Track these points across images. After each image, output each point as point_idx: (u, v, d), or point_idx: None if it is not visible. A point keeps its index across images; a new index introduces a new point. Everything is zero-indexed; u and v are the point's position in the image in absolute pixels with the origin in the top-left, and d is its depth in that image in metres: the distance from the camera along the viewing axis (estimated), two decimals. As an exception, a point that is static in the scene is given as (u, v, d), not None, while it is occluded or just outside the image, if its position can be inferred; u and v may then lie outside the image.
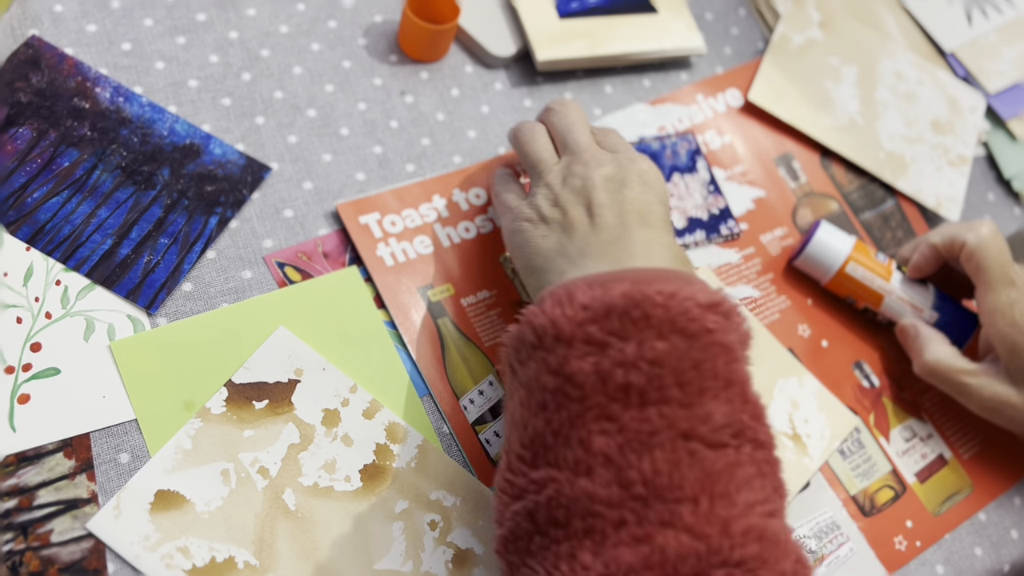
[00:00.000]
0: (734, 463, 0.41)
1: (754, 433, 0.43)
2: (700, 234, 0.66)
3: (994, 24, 0.87)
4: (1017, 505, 0.67)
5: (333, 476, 0.51)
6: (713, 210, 0.67)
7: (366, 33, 0.66)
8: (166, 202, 0.56)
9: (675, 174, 0.66)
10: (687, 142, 0.66)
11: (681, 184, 0.66)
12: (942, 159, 0.77)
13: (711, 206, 0.67)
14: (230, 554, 0.48)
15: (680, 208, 0.66)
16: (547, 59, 0.67)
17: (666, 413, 0.41)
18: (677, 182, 0.66)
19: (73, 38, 0.59)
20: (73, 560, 0.46)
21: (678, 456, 0.40)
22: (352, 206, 0.59)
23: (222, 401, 0.51)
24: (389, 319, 0.57)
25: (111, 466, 0.48)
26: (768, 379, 0.62)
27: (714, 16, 0.78)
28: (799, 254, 0.66)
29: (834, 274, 0.65)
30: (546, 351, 0.43)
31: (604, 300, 0.42)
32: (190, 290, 0.54)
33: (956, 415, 0.68)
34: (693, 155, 0.67)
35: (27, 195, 0.53)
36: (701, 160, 0.67)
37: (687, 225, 0.66)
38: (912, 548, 0.61)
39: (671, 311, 0.42)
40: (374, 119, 0.63)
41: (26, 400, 0.49)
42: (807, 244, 0.66)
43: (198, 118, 0.59)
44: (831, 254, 0.65)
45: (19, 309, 0.51)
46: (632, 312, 0.42)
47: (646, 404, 0.41)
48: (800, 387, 0.62)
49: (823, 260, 0.65)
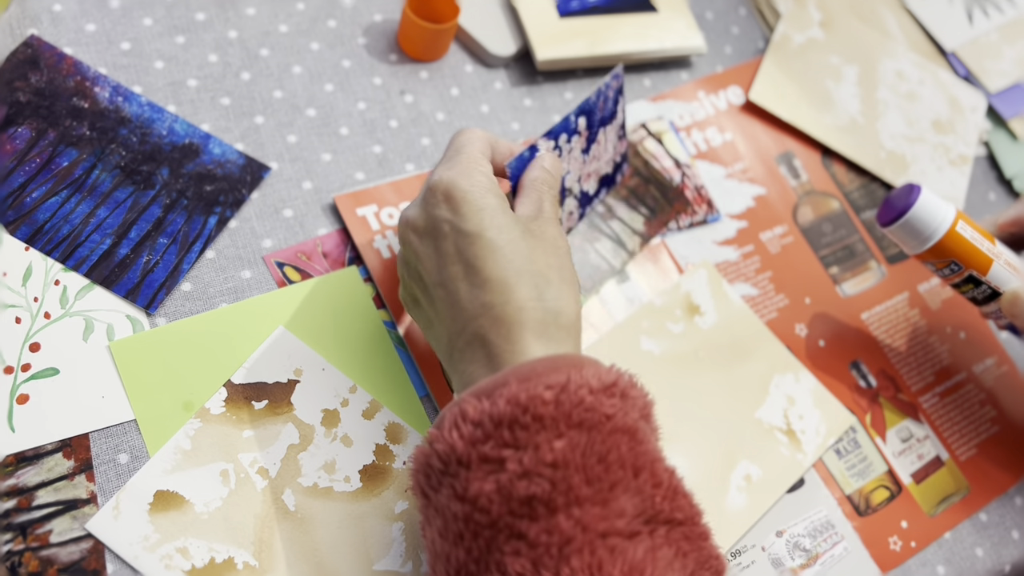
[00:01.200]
0: (651, 548, 0.39)
1: (668, 514, 0.40)
2: (603, 192, 0.61)
3: (995, 23, 0.87)
4: (1018, 505, 0.67)
5: (333, 477, 0.51)
6: (617, 158, 0.61)
7: (366, 32, 0.66)
8: (165, 202, 0.56)
9: (601, 130, 0.58)
10: (616, 79, 0.57)
11: (603, 140, 0.58)
12: (943, 158, 0.77)
13: (616, 155, 0.61)
14: (229, 555, 0.48)
15: (596, 171, 0.60)
16: (547, 58, 0.67)
17: (578, 516, 0.38)
18: (600, 139, 0.58)
19: (72, 37, 0.59)
20: (72, 560, 0.46)
21: (599, 557, 0.38)
22: (350, 198, 0.59)
23: (221, 401, 0.51)
24: (389, 319, 0.57)
25: (110, 466, 0.48)
26: (764, 374, 0.62)
27: (714, 15, 0.78)
28: (899, 217, 0.58)
29: (943, 235, 0.58)
30: (452, 476, 0.41)
31: (492, 412, 0.40)
32: (189, 290, 0.54)
33: (954, 417, 0.68)
34: (617, 95, 0.58)
35: (26, 195, 0.53)
36: (621, 99, 0.59)
37: (597, 188, 0.60)
38: (907, 548, 0.61)
39: (563, 406, 0.40)
40: (374, 119, 0.63)
41: (25, 400, 0.49)
42: (911, 206, 0.58)
43: (197, 117, 0.59)
44: (939, 214, 0.58)
45: (18, 309, 0.51)
46: (522, 418, 0.39)
47: (554, 511, 0.38)
48: (796, 383, 0.62)
49: (930, 221, 0.58)
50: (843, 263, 0.70)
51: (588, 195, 0.58)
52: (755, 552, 0.57)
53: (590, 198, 0.59)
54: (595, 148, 0.58)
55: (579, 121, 0.55)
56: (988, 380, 0.70)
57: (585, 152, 0.57)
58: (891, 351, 0.68)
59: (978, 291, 0.60)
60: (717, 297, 0.64)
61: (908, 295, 0.71)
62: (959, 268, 0.59)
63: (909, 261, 0.72)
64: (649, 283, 0.64)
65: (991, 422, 0.69)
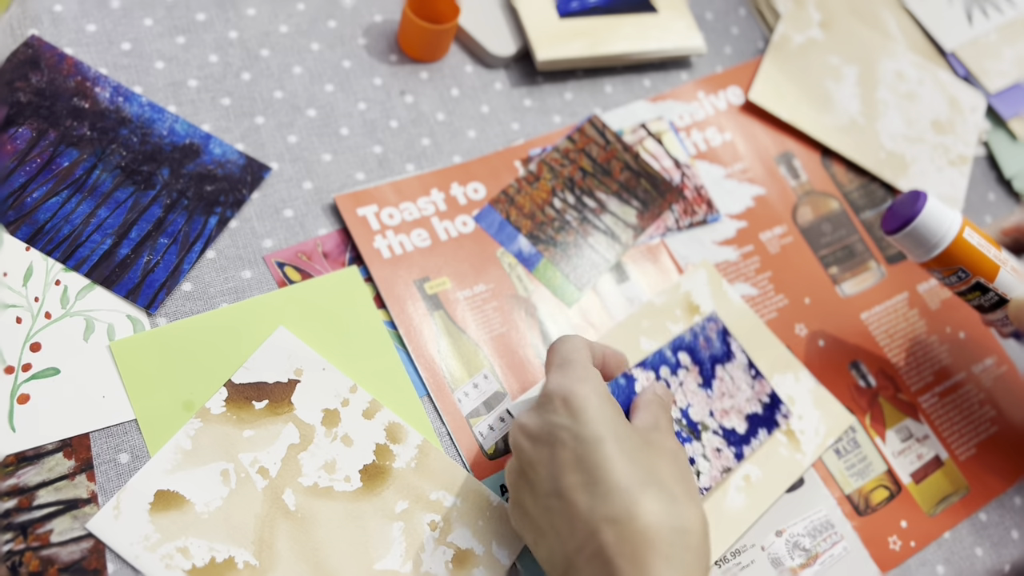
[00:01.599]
0: None
1: None
2: (763, 433, 0.58)
3: (995, 23, 0.87)
4: (1018, 505, 0.67)
5: (333, 476, 0.51)
6: (763, 398, 0.60)
7: (366, 33, 0.66)
8: (166, 202, 0.56)
9: (717, 367, 0.59)
10: (713, 323, 0.59)
11: (727, 378, 0.59)
12: (943, 159, 0.77)
13: (759, 394, 0.60)
14: (230, 554, 0.48)
15: (735, 408, 0.58)
16: (547, 59, 0.67)
17: None
18: (722, 375, 0.58)
19: (73, 38, 0.59)
20: (73, 560, 0.46)
21: None
22: (350, 198, 0.59)
23: (222, 401, 0.51)
24: (389, 319, 0.57)
25: (111, 466, 0.48)
26: (764, 374, 0.62)
27: (714, 16, 0.78)
28: (905, 225, 0.57)
29: (950, 243, 0.57)
30: None
31: None
32: (190, 290, 0.54)
33: (953, 416, 0.68)
34: (724, 336, 0.60)
35: (27, 195, 0.53)
36: (733, 341, 0.60)
37: (748, 427, 0.58)
38: (906, 548, 0.61)
39: None
40: (374, 119, 0.63)
41: (26, 400, 0.49)
42: (917, 214, 0.57)
43: (198, 118, 0.59)
44: (946, 222, 0.57)
45: (19, 309, 0.51)
46: None
47: None
48: (796, 383, 0.63)
49: (936, 229, 0.57)
50: (843, 263, 0.70)
51: (737, 433, 0.57)
52: (755, 552, 0.58)
53: (744, 437, 0.58)
54: (719, 385, 0.58)
55: (679, 356, 0.56)
56: (987, 380, 0.70)
57: (706, 387, 0.57)
58: (890, 351, 0.68)
59: (984, 298, 0.59)
60: (717, 297, 0.64)
61: (908, 295, 0.71)
62: (966, 275, 0.58)
63: (909, 261, 0.72)
64: (649, 283, 0.64)
65: (990, 422, 0.69)
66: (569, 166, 0.66)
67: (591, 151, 0.67)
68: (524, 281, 0.61)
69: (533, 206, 0.64)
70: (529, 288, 0.61)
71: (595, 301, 0.62)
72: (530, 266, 0.62)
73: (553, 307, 0.61)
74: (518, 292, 0.60)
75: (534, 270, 0.62)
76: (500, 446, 0.56)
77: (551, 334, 0.60)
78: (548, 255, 0.62)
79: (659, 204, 0.67)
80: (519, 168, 0.65)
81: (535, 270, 0.62)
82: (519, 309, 0.60)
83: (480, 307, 0.59)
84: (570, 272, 0.62)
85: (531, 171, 0.65)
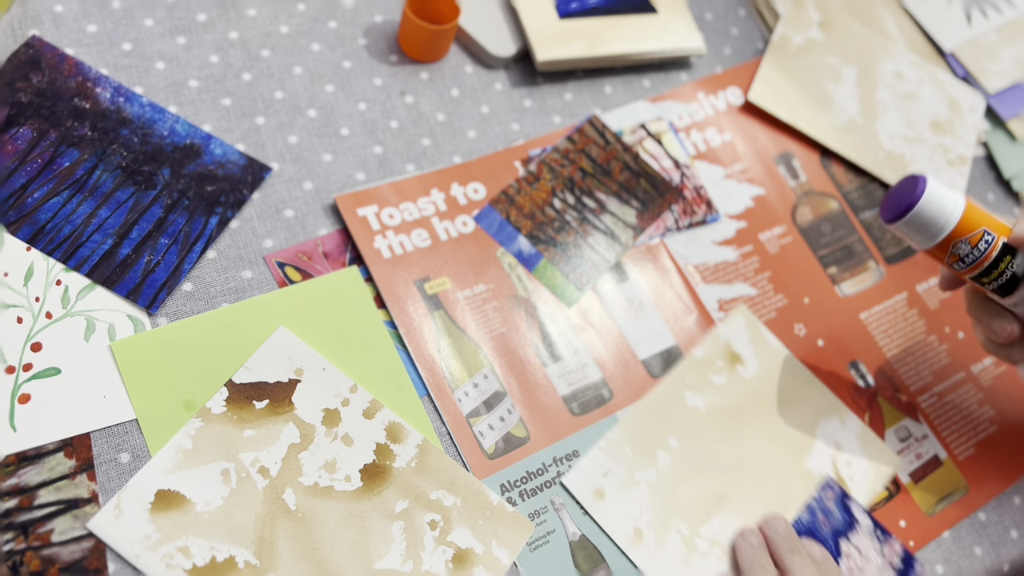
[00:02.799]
0: None
1: None
2: None
3: (994, 24, 0.87)
4: (1016, 504, 0.67)
5: (333, 476, 0.51)
6: (895, 561, 0.57)
7: (366, 33, 0.67)
8: (166, 202, 0.56)
9: (841, 540, 0.56)
10: (830, 490, 0.57)
11: (854, 552, 0.56)
12: (942, 159, 0.77)
13: (890, 558, 0.57)
14: (230, 554, 0.48)
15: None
16: (547, 59, 0.67)
17: None
18: (848, 551, 0.56)
19: (73, 38, 0.59)
20: (74, 560, 0.46)
21: None
22: (351, 198, 0.60)
23: (222, 401, 0.51)
24: (389, 319, 0.57)
25: (111, 466, 0.49)
26: (809, 420, 0.61)
27: (714, 16, 0.78)
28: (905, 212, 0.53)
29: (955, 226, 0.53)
30: None
31: None
32: (190, 290, 0.54)
33: (952, 416, 0.68)
34: (843, 502, 0.57)
35: (28, 195, 0.54)
36: (853, 504, 0.58)
37: None
38: (905, 548, 0.62)
39: None
40: (374, 119, 0.64)
41: (27, 400, 0.49)
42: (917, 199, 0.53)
43: (198, 118, 0.59)
44: (948, 204, 0.53)
45: (20, 309, 0.51)
46: None
47: None
48: (842, 426, 0.62)
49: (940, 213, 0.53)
50: (842, 263, 0.71)
51: None
52: (754, 551, 0.58)
53: None
54: (847, 563, 0.55)
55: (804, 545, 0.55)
56: (986, 380, 0.70)
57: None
58: (889, 351, 0.68)
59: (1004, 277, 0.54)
60: (756, 343, 0.63)
61: (907, 295, 0.71)
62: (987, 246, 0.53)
63: (907, 261, 0.72)
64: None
65: (989, 422, 0.69)
66: (569, 166, 0.66)
67: (591, 151, 0.67)
68: (524, 281, 0.61)
69: (533, 206, 0.64)
70: (529, 288, 0.61)
71: (595, 301, 0.62)
72: (530, 266, 0.62)
73: (553, 307, 0.61)
74: (518, 292, 0.61)
75: (534, 270, 0.62)
76: (500, 446, 0.56)
77: (551, 334, 0.60)
78: (548, 255, 0.62)
79: (659, 204, 0.67)
80: (519, 168, 0.65)
81: (535, 270, 0.62)
82: (519, 309, 0.60)
83: (480, 307, 0.59)
84: (570, 272, 0.62)
85: (531, 171, 0.65)
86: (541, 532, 0.54)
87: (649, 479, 0.56)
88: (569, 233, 0.63)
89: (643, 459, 0.57)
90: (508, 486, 0.55)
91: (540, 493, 0.55)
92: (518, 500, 0.54)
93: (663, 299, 0.64)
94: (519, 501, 0.54)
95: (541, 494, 0.55)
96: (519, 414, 0.57)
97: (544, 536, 0.54)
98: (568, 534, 0.55)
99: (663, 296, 0.64)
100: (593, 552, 0.55)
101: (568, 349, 0.60)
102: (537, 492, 0.55)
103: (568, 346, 0.60)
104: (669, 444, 0.57)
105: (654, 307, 0.63)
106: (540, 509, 0.55)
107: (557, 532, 0.54)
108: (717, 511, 0.56)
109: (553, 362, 0.59)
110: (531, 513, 0.54)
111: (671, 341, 0.63)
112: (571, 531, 0.55)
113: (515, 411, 0.57)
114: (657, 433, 0.58)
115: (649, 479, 0.56)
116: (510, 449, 0.56)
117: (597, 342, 0.61)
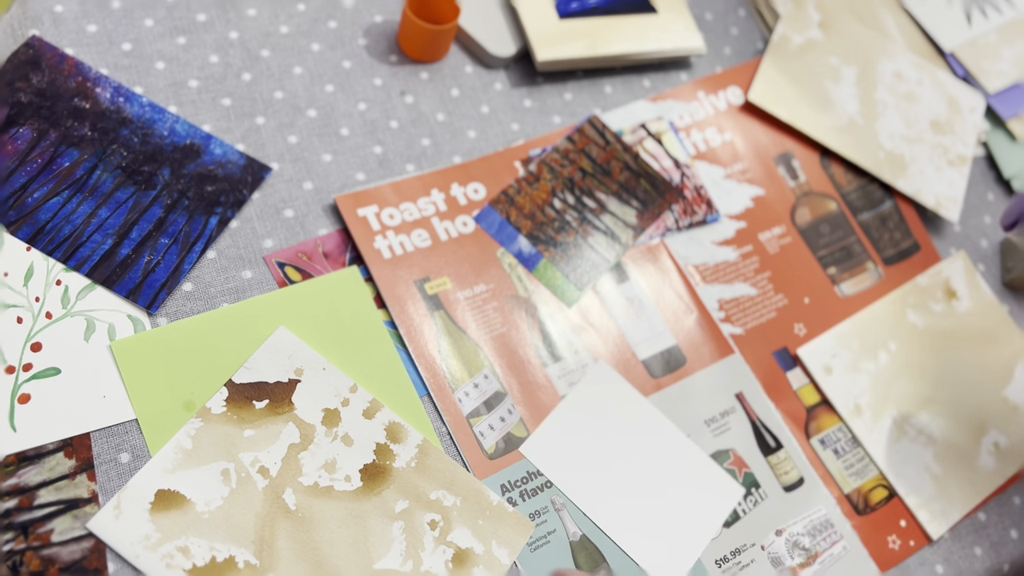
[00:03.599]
0: None
1: None
2: None
3: (994, 24, 0.87)
4: (1017, 505, 0.67)
5: (333, 476, 0.51)
6: None
7: (366, 33, 0.67)
8: (166, 202, 0.56)
9: None
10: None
11: None
12: (942, 159, 0.77)
13: None
14: (230, 554, 0.48)
15: None
16: (547, 59, 0.67)
17: None
18: None
19: (73, 38, 0.59)
20: (73, 560, 0.46)
21: None
22: (351, 198, 0.60)
23: (222, 401, 0.51)
24: (389, 319, 0.57)
25: (111, 466, 0.49)
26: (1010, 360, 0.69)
27: (714, 16, 0.78)
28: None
29: None
30: None
31: None
32: (190, 290, 0.54)
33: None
34: None
35: (27, 195, 0.54)
36: None
37: None
38: (905, 547, 0.62)
39: None
40: (374, 119, 0.64)
41: (27, 400, 0.49)
42: None
43: (198, 118, 0.59)
44: None
45: (19, 309, 0.51)
46: None
47: None
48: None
49: None
50: (841, 264, 0.71)
51: None
52: (755, 551, 0.58)
53: None
54: None
55: None
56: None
57: None
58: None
59: None
60: (972, 286, 0.71)
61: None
62: None
63: (905, 263, 0.72)
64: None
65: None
66: (569, 166, 0.66)
67: (591, 151, 0.67)
68: (524, 281, 0.61)
69: (533, 206, 0.64)
70: (529, 288, 0.61)
71: (595, 301, 0.62)
72: (530, 266, 0.62)
73: (553, 307, 0.61)
74: (518, 292, 0.61)
75: (534, 270, 0.62)
76: (501, 446, 0.56)
77: (551, 334, 0.60)
78: (548, 255, 0.62)
79: (659, 204, 0.67)
80: (519, 168, 0.65)
81: (535, 270, 0.62)
82: (519, 309, 0.60)
83: (480, 307, 0.59)
84: (570, 272, 0.62)
85: (531, 171, 0.65)
86: (541, 532, 0.54)
87: (870, 370, 0.66)
88: (569, 233, 0.63)
89: (867, 352, 0.66)
90: (508, 486, 0.55)
91: (541, 493, 0.55)
92: (518, 500, 0.54)
93: (663, 299, 0.64)
94: (519, 501, 0.54)
95: (542, 494, 0.55)
96: (519, 414, 0.57)
97: (544, 536, 0.54)
98: (569, 534, 0.55)
99: (663, 296, 0.64)
100: (594, 552, 0.55)
101: (568, 349, 0.60)
102: (538, 492, 0.55)
103: (568, 346, 0.60)
104: (888, 347, 0.66)
105: (654, 307, 0.63)
106: (541, 509, 0.55)
107: (558, 532, 0.54)
108: (925, 409, 0.64)
109: (553, 362, 0.59)
110: (531, 513, 0.54)
111: (671, 341, 0.63)
112: (572, 531, 0.55)
113: (515, 411, 0.57)
114: (880, 336, 0.67)
115: (870, 370, 0.66)
116: (511, 449, 0.56)
117: (597, 342, 0.61)
